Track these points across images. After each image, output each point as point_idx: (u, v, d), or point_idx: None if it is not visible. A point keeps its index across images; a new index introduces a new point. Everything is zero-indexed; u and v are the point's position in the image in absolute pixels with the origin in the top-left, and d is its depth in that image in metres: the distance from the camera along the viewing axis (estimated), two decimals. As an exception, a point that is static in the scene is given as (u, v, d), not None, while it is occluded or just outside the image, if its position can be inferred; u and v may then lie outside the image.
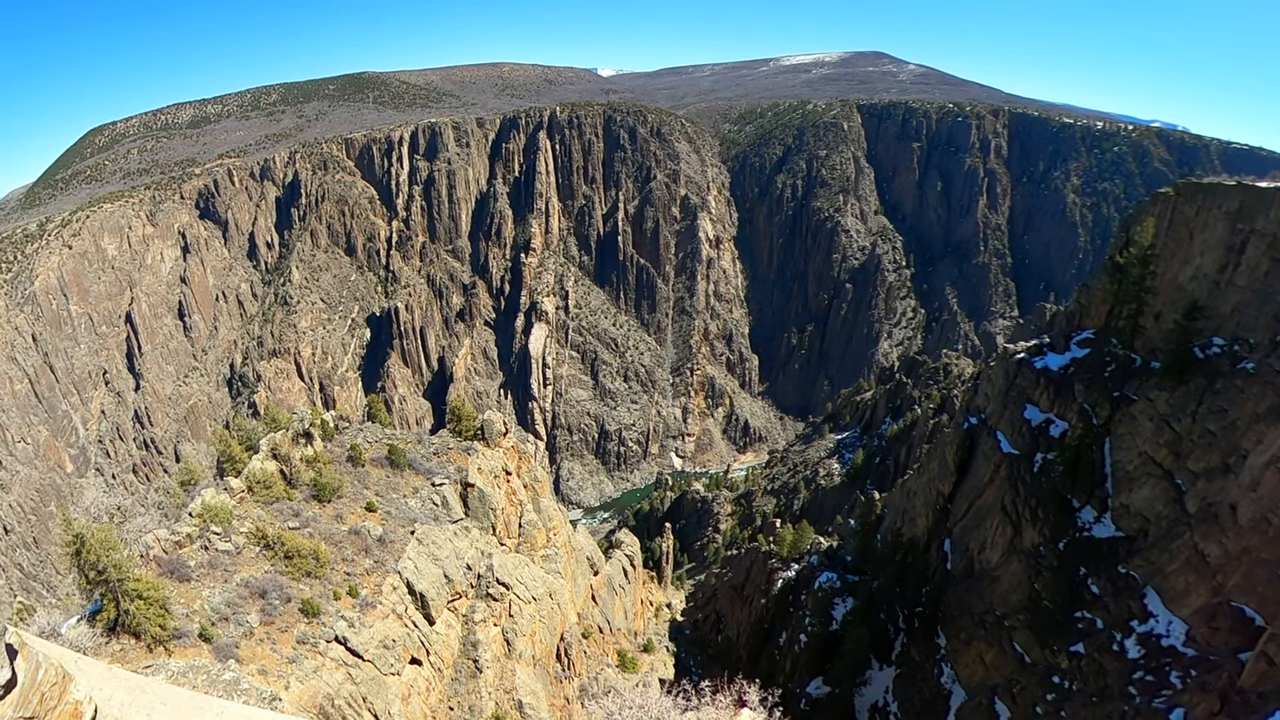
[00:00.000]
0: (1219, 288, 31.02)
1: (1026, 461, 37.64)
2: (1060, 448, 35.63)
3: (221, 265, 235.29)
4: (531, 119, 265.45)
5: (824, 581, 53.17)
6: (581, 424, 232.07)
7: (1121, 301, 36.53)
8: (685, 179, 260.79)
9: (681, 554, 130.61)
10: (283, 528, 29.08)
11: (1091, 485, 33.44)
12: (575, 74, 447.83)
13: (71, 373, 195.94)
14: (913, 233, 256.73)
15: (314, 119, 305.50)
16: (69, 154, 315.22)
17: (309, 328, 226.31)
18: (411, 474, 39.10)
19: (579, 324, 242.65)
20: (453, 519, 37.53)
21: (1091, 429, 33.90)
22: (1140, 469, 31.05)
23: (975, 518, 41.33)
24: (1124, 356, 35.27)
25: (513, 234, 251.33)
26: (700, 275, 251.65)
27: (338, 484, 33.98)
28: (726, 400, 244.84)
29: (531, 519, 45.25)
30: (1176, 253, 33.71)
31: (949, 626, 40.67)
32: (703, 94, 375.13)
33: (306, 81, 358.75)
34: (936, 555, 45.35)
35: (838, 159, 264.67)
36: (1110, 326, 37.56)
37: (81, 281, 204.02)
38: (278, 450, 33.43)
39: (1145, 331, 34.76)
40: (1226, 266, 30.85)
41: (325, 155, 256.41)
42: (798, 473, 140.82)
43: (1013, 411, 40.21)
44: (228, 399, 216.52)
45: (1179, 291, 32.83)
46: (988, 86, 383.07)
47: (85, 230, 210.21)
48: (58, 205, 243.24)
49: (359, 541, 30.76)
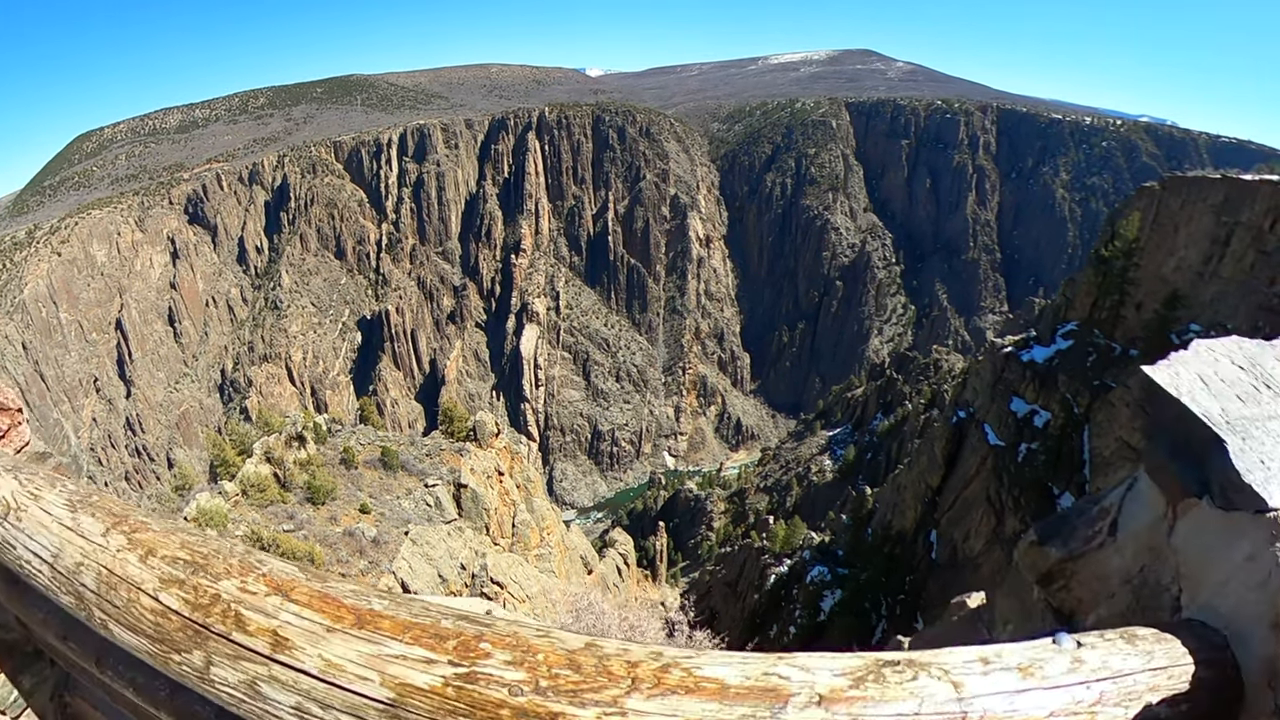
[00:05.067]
0: (1202, 279, 31.60)
1: (1011, 452, 38.21)
2: (1043, 437, 36.20)
3: (211, 270, 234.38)
4: (520, 120, 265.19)
5: (815, 575, 53.69)
6: (574, 424, 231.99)
7: (1104, 293, 37.12)
8: (675, 178, 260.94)
9: (675, 552, 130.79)
10: (277, 530, 29.33)
11: (1071, 472, 34.03)
12: (563, 74, 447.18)
13: (62, 380, 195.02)
14: (902, 229, 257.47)
15: (302, 122, 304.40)
16: (56, 160, 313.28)
17: (300, 332, 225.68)
18: (405, 475, 39.35)
19: (570, 324, 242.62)
20: (446, 519, 37.78)
21: (1073, 417, 34.46)
22: (1116, 454, 31.60)
23: (961, 509, 41.91)
24: (1105, 346, 35.88)
25: (503, 235, 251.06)
26: (691, 274, 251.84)
27: (331, 486, 34.23)
28: (718, 399, 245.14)
29: (525, 519, 45.51)
30: (1161, 245, 34.27)
31: (927, 613, 41.29)
32: (691, 93, 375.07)
33: (294, 84, 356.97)
34: (923, 546, 45.92)
35: (826, 157, 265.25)
36: (1093, 318, 38.16)
37: (71, 288, 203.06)
38: (271, 454, 33.68)
39: (1126, 321, 35.37)
40: (1211, 258, 31.42)
41: (314, 158, 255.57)
42: (790, 470, 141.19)
43: (1000, 404, 40.77)
44: (219, 404, 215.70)
45: (1161, 282, 33.41)
46: (976, 83, 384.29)
47: (74, 237, 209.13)
48: (46, 212, 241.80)
49: (353, 543, 31.02)
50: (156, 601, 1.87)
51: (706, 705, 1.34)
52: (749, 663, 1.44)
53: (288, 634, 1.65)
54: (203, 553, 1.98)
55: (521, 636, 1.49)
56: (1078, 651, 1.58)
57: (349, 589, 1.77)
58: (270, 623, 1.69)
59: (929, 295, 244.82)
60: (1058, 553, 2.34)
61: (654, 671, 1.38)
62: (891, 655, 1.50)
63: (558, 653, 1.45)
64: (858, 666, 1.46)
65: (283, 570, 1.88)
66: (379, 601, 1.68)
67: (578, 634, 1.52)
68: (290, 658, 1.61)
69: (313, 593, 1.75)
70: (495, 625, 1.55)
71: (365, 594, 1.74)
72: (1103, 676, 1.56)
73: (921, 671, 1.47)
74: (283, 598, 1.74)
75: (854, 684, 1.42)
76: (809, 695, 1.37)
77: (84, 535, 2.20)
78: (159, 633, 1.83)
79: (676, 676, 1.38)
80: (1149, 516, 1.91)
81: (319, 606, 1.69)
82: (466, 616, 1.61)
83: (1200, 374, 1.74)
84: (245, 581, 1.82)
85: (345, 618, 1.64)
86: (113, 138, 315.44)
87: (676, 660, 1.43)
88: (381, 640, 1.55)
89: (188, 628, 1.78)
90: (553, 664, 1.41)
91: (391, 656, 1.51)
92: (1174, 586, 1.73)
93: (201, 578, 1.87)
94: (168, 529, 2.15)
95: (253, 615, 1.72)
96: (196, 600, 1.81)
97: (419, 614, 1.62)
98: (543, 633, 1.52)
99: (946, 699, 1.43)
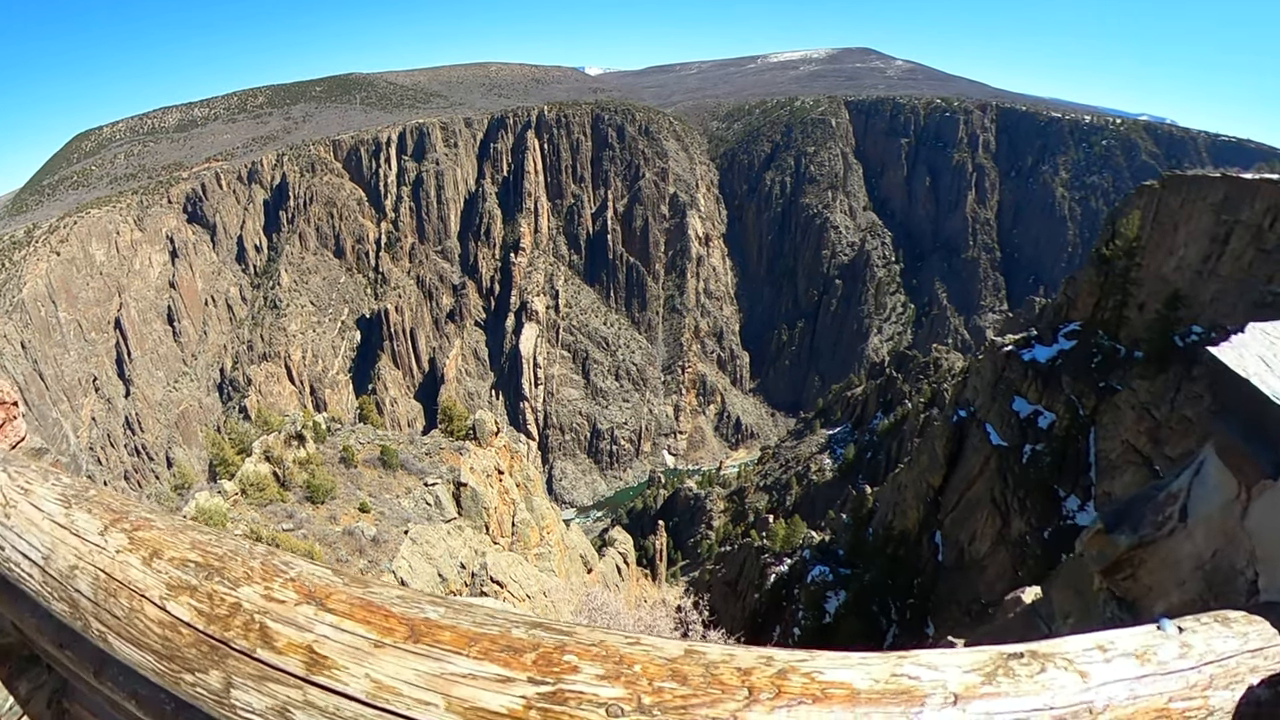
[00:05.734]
0: (1201, 277, 31.49)
1: (1015, 453, 38.06)
2: (1048, 438, 36.08)
3: (210, 269, 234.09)
4: (519, 118, 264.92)
5: (816, 575, 53.54)
6: (573, 423, 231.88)
7: (1107, 293, 36.97)
8: (674, 177, 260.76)
9: (675, 551, 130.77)
10: (277, 529, 29.19)
11: (1077, 474, 33.93)
12: (563, 73, 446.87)
13: (61, 380, 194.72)
14: (901, 228, 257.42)
15: (301, 121, 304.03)
16: (55, 160, 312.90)
17: (299, 331, 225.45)
18: (404, 474, 39.23)
19: (570, 323, 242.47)
20: (446, 518, 37.65)
21: (1078, 419, 34.36)
22: (1122, 457, 31.54)
23: (965, 510, 41.76)
24: (1109, 347, 35.73)
25: (502, 234, 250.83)
26: (690, 273, 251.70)
27: (331, 485, 34.09)
28: (718, 397, 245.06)
29: (524, 518, 45.39)
30: (1161, 244, 34.16)
31: (937, 616, 41.13)
32: (690, 92, 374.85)
33: (293, 83, 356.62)
34: (928, 547, 45.77)
35: (826, 155, 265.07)
36: (1096, 318, 38.00)
37: (70, 288, 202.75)
38: (270, 453, 33.54)
39: (1129, 322, 35.22)
40: (1210, 257, 31.31)
41: (313, 157, 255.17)
42: (789, 468, 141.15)
43: (1001, 404, 40.63)
44: (218, 403, 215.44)
45: (1162, 282, 33.27)
46: (975, 81, 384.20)
47: (73, 236, 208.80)
48: (45, 212, 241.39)
49: (353, 542, 30.89)
50: (164, 612, 1.63)
51: (838, 715, 1.23)
52: (871, 664, 1.34)
53: (326, 651, 1.42)
54: (217, 554, 1.75)
55: (610, 645, 1.32)
56: (1182, 636, 1.55)
57: (396, 594, 1.54)
58: (304, 637, 1.46)
59: (928, 294, 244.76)
60: (1127, 541, 2.29)
61: (771, 679, 1.26)
62: (1014, 647, 1.44)
63: (656, 663, 1.28)
64: (984, 661, 1.39)
65: (314, 574, 1.65)
66: (434, 609, 1.47)
67: (672, 639, 1.36)
68: (330, 679, 1.38)
69: (353, 600, 1.52)
70: (577, 633, 1.36)
71: (417, 600, 1.51)
72: (1208, 660, 1.52)
73: (1047, 662, 1.41)
74: (317, 607, 1.52)
75: (985, 680, 1.34)
76: (943, 695, 1.29)
77: (79, 534, 1.96)
78: (168, 648, 1.59)
79: (798, 683, 1.26)
80: (1220, 499, 1.88)
81: (362, 617, 1.47)
82: (542, 624, 1.39)
83: (1261, 355, 1.72)
84: (270, 588, 1.60)
85: (396, 630, 1.42)
86: (111, 137, 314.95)
87: (793, 665, 1.31)
88: (443, 656, 1.35)
89: (202, 643, 1.55)
90: (653, 676, 1.25)
91: (458, 675, 1.31)
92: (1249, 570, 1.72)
93: (217, 583, 1.63)
94: (175, 526, 1.93)
95: (281, 628, 1.49)
96: (213, 611, 1.58)
97: (483, 622, 1.42)
98: (633, 640, 1.35)
99: (1076, 690, 1.37)
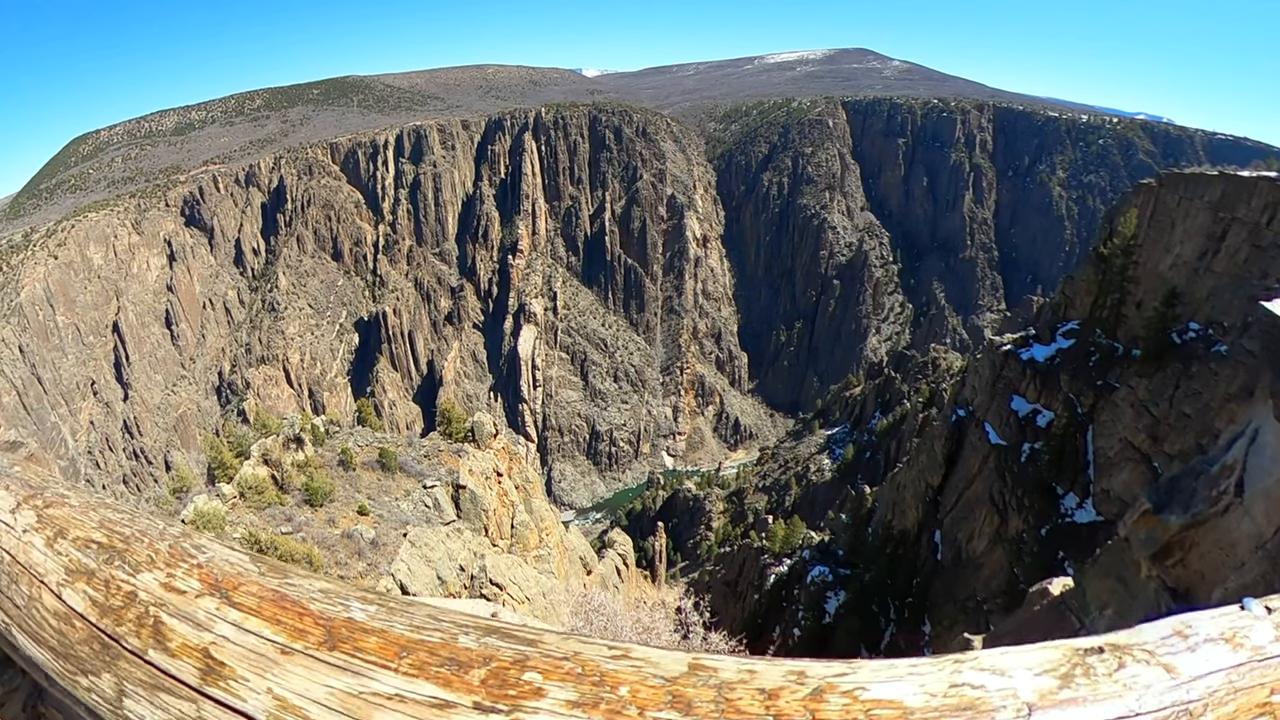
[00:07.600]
0: (1198, 274, 31.63)
1: (1014, 451, 38.11)
2: (1046, 437, 36.13)
3: (208, 273, 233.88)
4: (517, 120, 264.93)
5: (816, 575, 53.56)
6: (572, 425, 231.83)
7: (1105, 292, 37.06)
8: (671, 178, 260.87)
9: (674, 552, 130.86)
10: (276, 533, 29.13)
11: (1075, 472, 34.00)
12: (560, 75, 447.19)
13: (59, 384, 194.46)
14: (899, 228, 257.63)
15: (298, 124, 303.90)
16: (53, 163, 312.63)
17: (297, 334, 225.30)
18: (403, 477, 39.17)
19: (568, 325, 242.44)
20: (445, 521, 37.58)
21: (1076, 417, 34.40)
22: (1120, 454, 31.60)
23: (964, 509, 41.80)
24: (1107, 345, 35.80)
25: (499, 236, 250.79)
26: (688, 274, 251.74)
27: (329, 488, 34.04)
28: (716, 398, 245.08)
29: (523, 520, 45.32)
30: (1158, 242, 34.29)
31: (934, 614, 41.18)
32: (687, 93, 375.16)
33: (290, 86, 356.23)
34: (927, 546, 45.81)
35: (823, 156, 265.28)
36: (1094, 317, 38.09)
37: (68, 292, 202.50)
38: (269, 456, 33.49)
39: (1127, 320, 35.31)
40: (1206, 254, 31.47)
41: (310, 160, 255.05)
42: (788, 469, 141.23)
43: (1000, 403, 40.68)
44: (217, 407, 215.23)
45: (1159, 280, 33.37)
46: (972, 81, 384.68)
47: (71, 240, 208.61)
48: (42, 215, 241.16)
49: (352, 545, 30.83)
50: (60, 601, 1.36)
51: None
52: (924, 673, 1.13)
53: (224, 656, 1.16)
54: (123, 534, 1.46)
55: (588, 660, 1.03)
56: (1272, 617, 1.37)
57: (319, 587, 1.26)
58: (201, 638, 1.20)
59: (926, 294, 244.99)
60: (1179, 520, 2.15)
61: (804, 702, 1.02)
62: (1088, 642, 1.26)
63: (650, 684, 0.99)
64: (1057, 660, 1.20)
65: (227, 560, 1.36)
66: (362, 608, 1.20)
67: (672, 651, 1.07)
68: (227, 693, 1.11)
69: (264, 593, 1.25)
70: (545, 643, 1.07)
71: (344, 595, 1.26)
72: None
73: (1126, 656, 1.23)
74: (220, 599, 1.25)
75: (1062, 683, 1.16)
76: (1015, 707, 1.09)
77: None
78: (62, 645, 1.32)
79: (837, 706, 1.03)
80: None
81: (271, 614, 1.19)
82: (499, 629, 1.10)
83: None
84: (173, 575, 1.33)
85: (310, 632, 1.15)
86: (109, 140, 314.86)
87: (830, 682, 1.07)
88: (364, 669, 1.07)
89: (94, 639, 1.28)
90: (645, 704, 0.96)
91: (380, 697, 1.03)
92: None
93: (117, 568, 1.35)
94: (89, 503, 1.65)
95: (177, 625, 1.23)
96: (107, 601, 1.32)
97: (423, 625, 1.13)
98: (620, 652, 1.07)
99: (1165, 686, 1.18)
